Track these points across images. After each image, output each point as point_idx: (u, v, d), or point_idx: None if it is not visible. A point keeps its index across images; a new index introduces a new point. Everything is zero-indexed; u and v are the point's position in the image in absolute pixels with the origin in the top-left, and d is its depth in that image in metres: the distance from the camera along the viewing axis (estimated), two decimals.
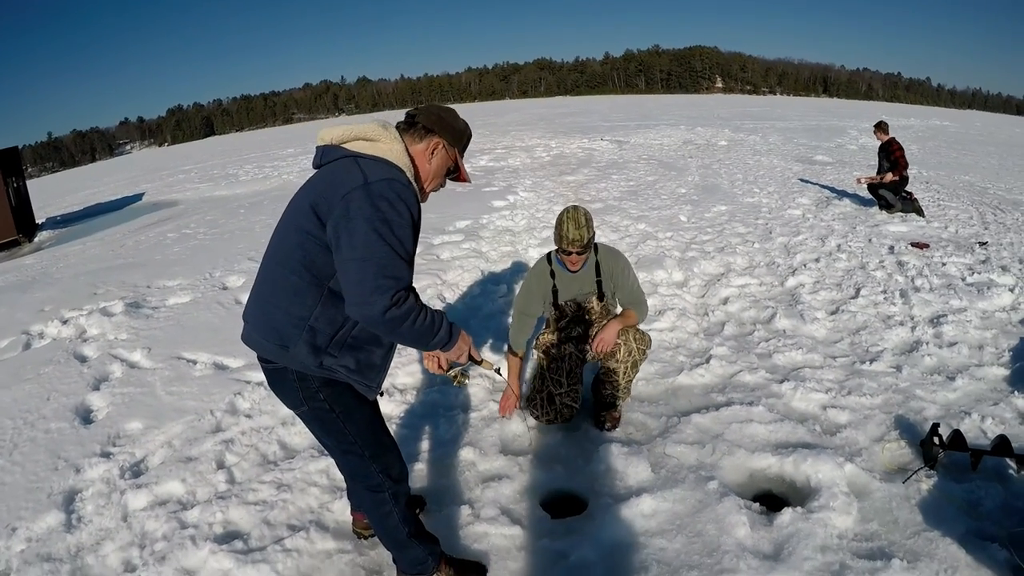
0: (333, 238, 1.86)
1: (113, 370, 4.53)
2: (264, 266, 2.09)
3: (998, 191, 12.43)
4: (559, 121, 35.03)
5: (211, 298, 6.02)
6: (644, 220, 9.09)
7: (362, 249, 1.81)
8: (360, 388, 2.11)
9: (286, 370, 2.04)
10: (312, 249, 1.93)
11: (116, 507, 3.02)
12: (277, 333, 1.98)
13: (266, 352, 2.05)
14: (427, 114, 2.16)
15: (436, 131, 2.14)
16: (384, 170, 1.94)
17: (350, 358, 2.03)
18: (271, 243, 2.10)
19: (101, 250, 9.88)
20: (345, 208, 1.85)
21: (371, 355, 2.09)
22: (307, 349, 1.97)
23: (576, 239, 3.30)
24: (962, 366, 4.12)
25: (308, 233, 1.93)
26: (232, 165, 26.21)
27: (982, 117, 64.44)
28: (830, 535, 2.61)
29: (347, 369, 2.04)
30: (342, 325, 2.00)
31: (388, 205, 1.86)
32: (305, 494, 3.04)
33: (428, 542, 2.38)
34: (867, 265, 6.51)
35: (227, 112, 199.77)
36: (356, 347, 2.04)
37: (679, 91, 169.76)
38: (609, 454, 3.23)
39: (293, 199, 2.10)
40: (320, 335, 1.98)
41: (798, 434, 3.38)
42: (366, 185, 1.87)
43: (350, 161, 1.98)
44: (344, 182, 1.91)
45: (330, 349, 2.00)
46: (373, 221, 1.83)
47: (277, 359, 2.03)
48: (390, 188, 1.89)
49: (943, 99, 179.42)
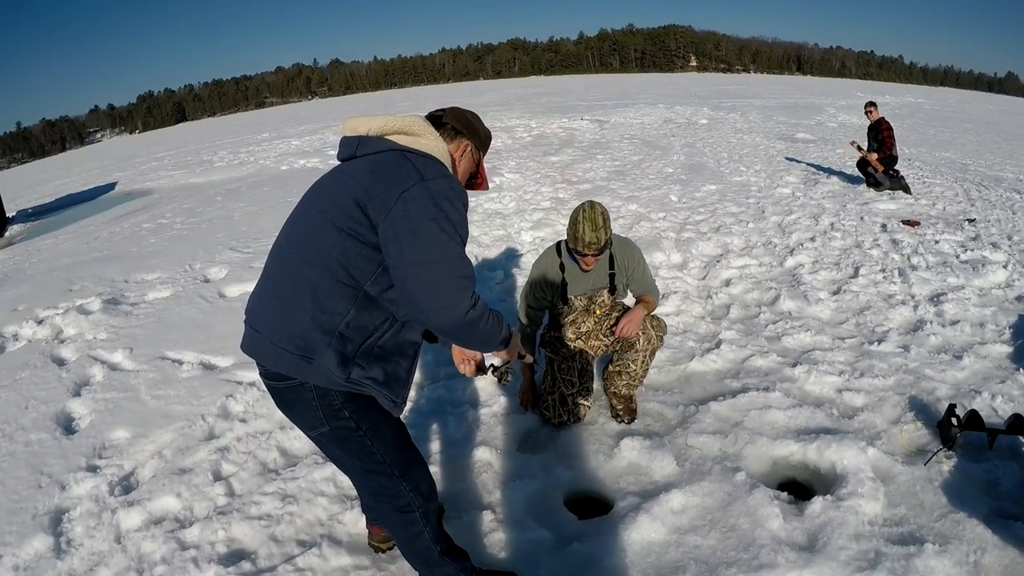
0: (391, 239, 1.70)
1: (94, 373, 4.27)
2: (282, 263, 1.87)
3: (979, 167, 12.57)
4: (536, 101, 34.59)
5: (193, 292, 5.75)
6: (635, 200, 8.95)
7: (433, 251, 1.68)
8: (386, 404, 1.91)
9: (302, 387, 1.82)
10: (353, 248, 1.75)
11: (108, 527, 2.78)
12: (302, 341, 1.76)
13: (282, 365, 1.80)
14: (455, 116, 2.06)
15: (465, 134, 2.05)
16: (436, 167, 1.82)
17: (378, 369, 1.85)
18: (290, 237, 1.89)
19: (75, 243, 9.47)
20: (404, 207, 1.70)
21: (397, 367, 1.91)
22: (336, 359, 1.76)
23: (593, 242, 3.10)
24: (966, 344, 4.14)
25: (351, 231, 1.75)
26: (206, 151, 25.47)
27: (955, 94, 65.55)
28: (861, 522, 2.57)
29: (375, 382, 1.84)
30: (371, 333, 1.82)
31: (450, 204, 1.74)
32: (312, 505, 2.83)
33: (459, 558, 2.21)
34: (862, 244, 6.52)
35: (199, 97, 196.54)
36: (383, 358, 1.87)
37: (653, 70, 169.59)
38: (631, 449, 3.12)
39: (321, 189, 1.92)
40: (350, 344, 1.79)
41: (817, 419, 3.31)
42: (424, 182, 1.74)
43: (398, 155, 1.82)
44: (398, 178, 1.75)
45: (358, 359, 1.81)
46: (440, 220, 1.70)
47: (295, 373, 1.80)
48: (448, 185, 1.78)
49: (916, 77, 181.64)
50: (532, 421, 3.46)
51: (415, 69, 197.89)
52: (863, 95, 39.19)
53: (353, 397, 1.86)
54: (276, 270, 1.87)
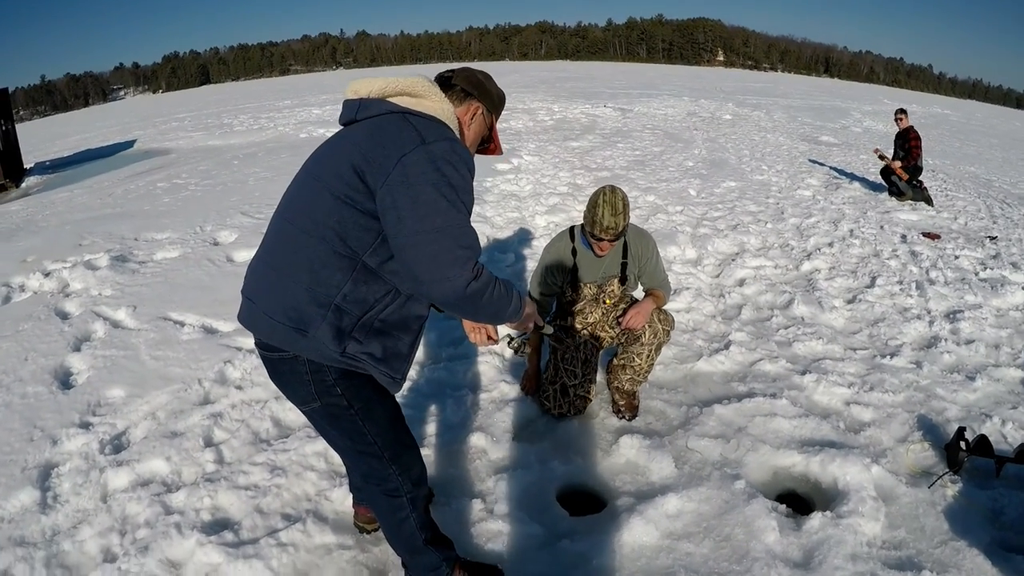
0: (389, 207, 1.60)
1: (95, 329, 4.23)
2: (278, 232, 1.80)
3: (1003, 184, 12.37)
4: (560, 85, 34.28)
5: (201, 254, 5.71)
6: (653, 192, 8.83)
7: (433, 218, 1.57)
8: (383, 380, 1.83)
9: (296, 360, 1.76)
10: (350, 217, 1.67)
11: (95, 486, 2.74)
12: (296, 313, 1.69)
13: (275, 338, 1.74)
14: (465, 77, 1.95)
15: (476, 95, 1.94)
16: (440, 130, 1.70)
17: (376, 345, 1.76)
18: (287, 206, 1.81)
19: (89, 198, 9.47)
20: (403, 172, 1.60)
21: (398, 342, 1.82)
22: (331, 333, 1.69)
23: (611, 227, 3.00)
24: (980, 365, 4.04)
25: (347, 199, 1.66)
26: (227, 115, 25.49)
27: (982, 108, 64.49)
28: (859, 542, 2.50)
29: (372, 358, 1.76)
30: (372, 306, 1.74)
31: (452, 169, 1.63)
32: (301, 479, 2.78)
33: (443, 547, 2.15)
34: (880, 253, 6.40)
35: (223, 61, 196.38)
36: (384, 332, 1.77)
37: (680, 62, 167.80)
38: (630, 447, 3.05)
39: (320, 156, 1.83)
40: (347, 317, 1.71)
41: (822, 431, 3.23)
42: (425, 145, 1.63)
43: (399, 118, 1.71)
44: (397, 142, 1.64)
45: (355, 334, 1.73)
46: (440, 186, 1.60)
47: (289, 346, 1.74)
48: (451, 148, 1.66)
49: (944, 87, 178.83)
50: (532, 410, 3.39)
51: (441, 46, 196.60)
52: (890, 102, 38.61)
53: (347, 374, 1.79)
54: (273, 240, 1.81)
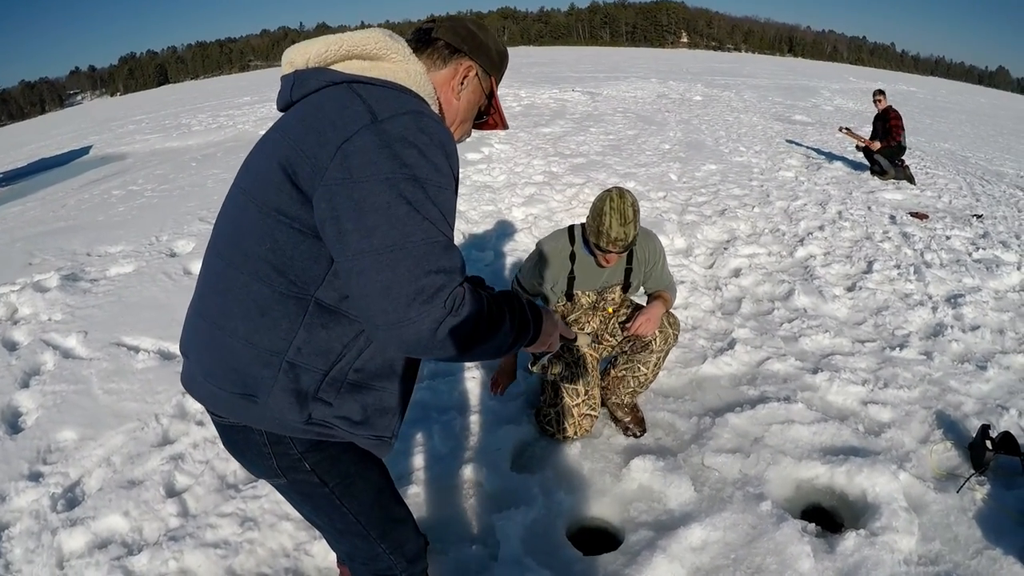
0: (328, 218, 1.15)
1: (45, 360, 3.83)
2: (209, 271, 1.36)
3: (979, 160, 12.49)
4: (526, 71, 33.77)
5: (157, 267, 5.30)
6: (632, 178, 8.55)
7: (385, 231, 1.10)
8: (366, 444, 1.42)
9: (249, 429, 1.35)
10: (287, 241, 1.22)
11: (49, 551, 2.39)
12: (238, 377, 1.28)
13: (220, 407, 1.34)
14: (450, 27, 1.44)
15: (466, 51, 1.44)
16: (400, 100, 1.22)
17: (353, 405, 1.33)
18: (218, 233, 1.37)
19: (42, 211, 8.94)
20: (344, 165, 1.14)
21: (383, 395, 1.38)
22: (287, 399, 1.27)
23: (620, 239, 2.62)
24: (988, 353, 3.91)
25: (279, 214, 1.21)
26: (185, 115, 24.69)
27: (945, 85, 65.82)
28: (896, 560, 2.31)
29: (348, 423, 1.34)
30: (339, 355, 1.30)
31: (417, 154, 1.16)
32: (276, 531, 2.44)
33: None
34: (872, 236, 6.25)
35: (182, 60, 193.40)
36: (361, 386, 1.34)
37: (644, 44, 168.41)
38: (641, 469, 2.76)
39: (248, 160, 1.37)
40: (306, 375, 1.28)
41: (843, 436, 3.02)
42: (376, 123, 1.16)
43: (343, 90, 1.24)
44: (337, 123, 1.18)
45: (322, 394, 1.30)
46: (396, 182, 1.12)
47: (238, 416, 1.33)
48: (416, 125, 1.18)
49: (907, 65, 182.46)
50: (528, 431, 3.08)
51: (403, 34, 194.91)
52: (856, 80, 38.99)
53: (317, 445, 1.38)
54: (202, 280, 1.38)
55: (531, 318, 1.39)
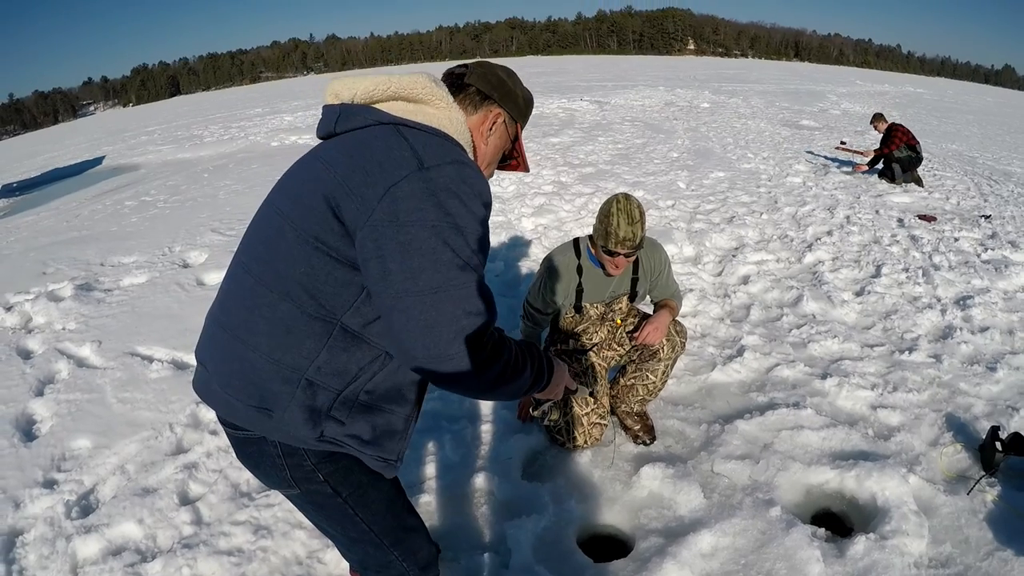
0: (372, 256, 1.21)
1: (59, 369, 3.88)
2: (235, 284, 1.40)
3: (987, 161, 12.37)
4: (534, 80, 33.93)
5: (170, 278, 5.36)
6: (641, 187, 8.58)
7: (430, 274, 1.18)
8: (374, 465, 1.46)
9: (264, 440, 1.39)
10: (322, 268, 1.27)
11: (63, 557, 2.41)
12: (256, 390, 1.32)
13: (235, 416, 1.38)
14: (482, 75, 1.51)
15: (496, 99, 1.51)
16: (444, 148, 1.29)
17: (363, 424, 1.39)
18: (245, 247, 1.42)
19: (55, 221, 9.03)
20: (392, 209, 1.20)
21: (391, 418, 1.44)
22: (302, 415, 1.32)
23: (628, 238, 2.65)
24: (997, 354, 3.88)
25: (318, 242, 1.26)
26: (197, 126, 24.90)
27: (952, 85, 65.43)
28: (907, 564, 2.31)
29: (358, 441, 1.39)
30: (354, 377, 1.34)
31: (460, 204, 1.23)
32: (289, 539, 2.46)
33: None
34: (881, 239, 6.23)
35: (193, 71, 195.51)
36: (371, 408, 1.39)
37: (651, 52, 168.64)
38: (651, 477, 2.77)
39: (287, 183, 1.42)
40: (322, 393, 1.33)
41: (852, 440, 3.01)
42: (423, 171, 1.22)
43: (390, 132, 1.30)
44: (386, 166, 1.24)
45: (334, 413, 1.35)
46: (442, 230, 1.20)
47: (252, 427, 1.37)
48: (459, 176, 1.25)
49: (913, 66, 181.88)
50: (538, 440, 3.09)
51: (412, 46, 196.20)
52: (863, 83, 38.88)
53: (329, 456, 1.43)
54: (226, 292, 1.43)
55: (546, 368, 1.50)
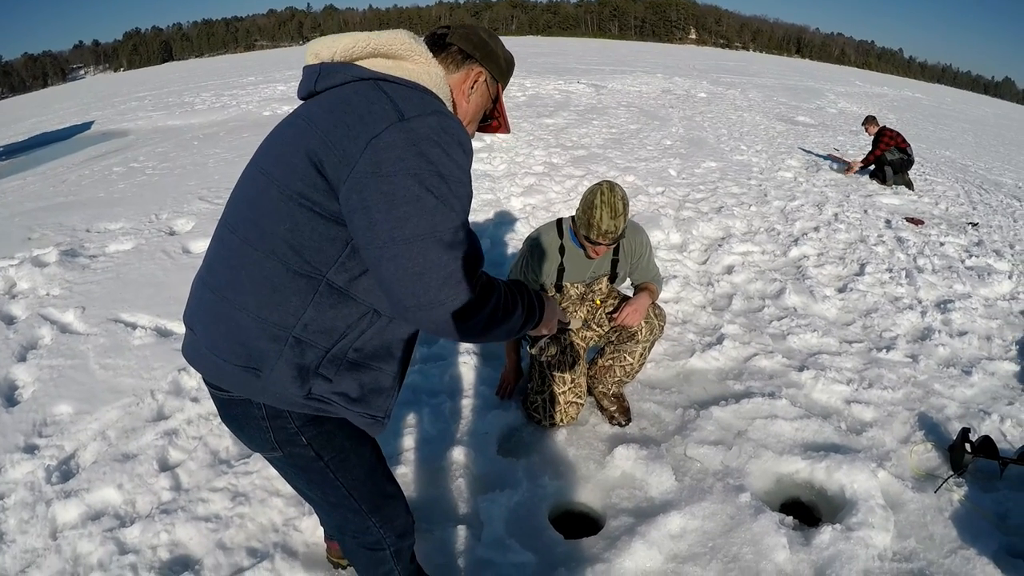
0: (357, 208, 1.21)
1: (42, 335, 3.87)
2: (222, 245, 1.41)
3: (979, 169, 12.47)
4: (532, 61, 33.68)
5: (156, 245, 5.34)
6: (632, 172, 8.58)
7: (416, 221, 1.18)
8: (360, 422, 1.48)
9: (249, 402, 1.40)
10: (306, 223, 1.28)
11: (43, 521, 2.44)
12: (245, 350, 1.33)
13: (223, 379, 1.39)
14: (464, 35, 1.53)
15: (477, 58, 1.52)
16: (424, 100, 1.29)
17: (351, 382, 1.41)
18: (230, 208, 1.43)
19: (42, 186, 8.93)
20: (374, 160, 1.20)
21: (379, 375, 1.46)
22: (290, 373, 1.34)
23: (610, 231, 2.67)
24: (974, 358, 3.96)
25: (302, 198, 1.27)
26: (189, 93, 24.56)
27: (951, 93, 65.66)
28: (871, 556, 2.37)
29: (345, 399, 1.41)
30: (343, 335, 1.37)
31: (442, 152, 1.23)
32: (266, 507, 2.50)
33: None
34: (867, 239, 6.29)
35: (187, 37, 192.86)
36: (360, 365, 1.41)
37: (652, 39, 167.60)
38: (625, 457, 2.82)
39: (270, 144, 1.43)
40: (310, 351, 1.35)
41: (824, 433, 3.08)
42: (403, 122, 1.23)
43: (369, 87, 1.31)
44: (366, 119, 1.24)
45: (322, 370, 1.37)
46: (425, 177, 1.20)
47: (240, 389, 1.38)
48: (440, 125, 1.26)
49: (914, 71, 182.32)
50: (516, 417, 3.14)
51: (410, 20, 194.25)
52: (862, 84, 38.90)
53: (313, 420, 1.44)
54: (213, 254, 1.43)
55: (536, 303, 1.52)
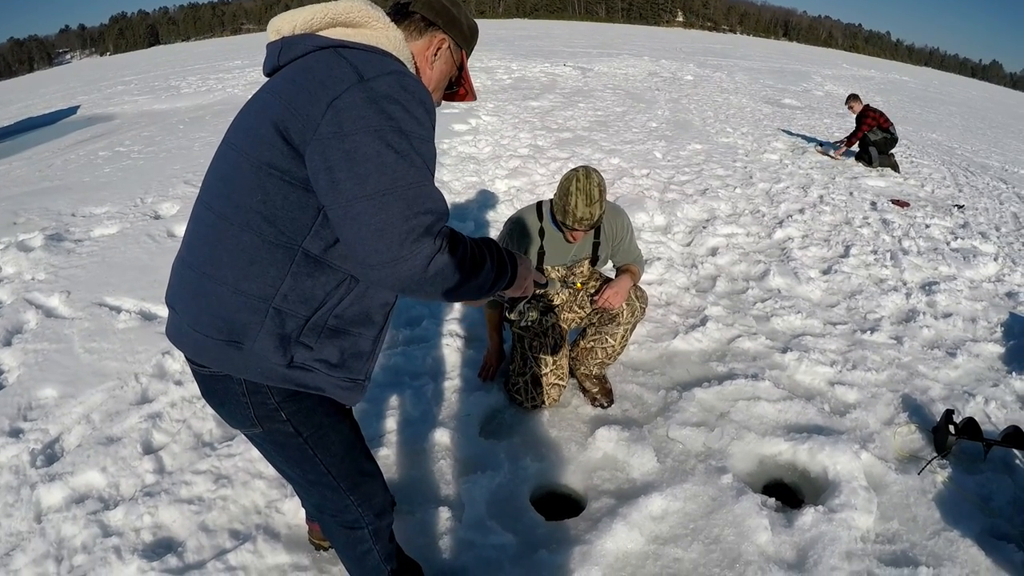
0: (321, 170, 1.23)
1: (27, 319, 3.84)
2: (198, 223, 1.42)
3: (965, 152, 12.52)
4: (519, 43, 33.43)
5: (141, 229, 5.29)
6: (617, 154, 8.57)
7: (377, 177, 1.19)
8: (340, 390, 1.50)
9: (229, 379, 1.42)
10: (277, 192, 1.30)
11: (27, 504, 2.43)
12: (226, 324, 1.35)
13: (207, 356, 1.40)
14: (428, 3, 1.53)
15: (440, 25, 1.54)
16: (383, 62, 1.31)
17: (331, 348, 1.43)
18: (207, 188, 1.43)
19: (27, 171, 8.83)
20: (335, 121, 1.22)
21: (358, 340, 1.48)
22: (272, 343, 1.35)
23: (585, 218, 2.67)
24: (959, 340, 3.99)
25: (271, 168, 1.29)
26: (175, 76, 24.23)
27: (938, 76, 65.84)
28: (853, 537, 2.39)
29: (326, 365, 1.44)
30: (322, 303, 1.39)
31: (401, 109, 1.24)
32: (248, 489, 2.50)
33: (409, 575, 1.93)
34: (852, 221, 6.32)
35: (173, 21, 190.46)
36: (340, 331, 1.44)
37: (639, 22, 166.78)
38: (607, 440, 2.84)
39: (238, 120, 1.43)
40: (290, 320, 1.36)
41: (808, 414, 3.09)
42: (362, 82, 1.24)
43: (330, 54, 1.32)
44: (326, 82, 1.26)
45: (304, 339, 1.39)
46: (385, 133, 1.21)
47: (223, 365, 1.40)
48: (399, 84, 1.27)
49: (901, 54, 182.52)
50: (498, 399, 3.15)
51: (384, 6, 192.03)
52: (849, 67, 38.90)
53: (292, 396, 1.46)
54: (191, 232, 1.44)
55: (508, 260, 1.49)
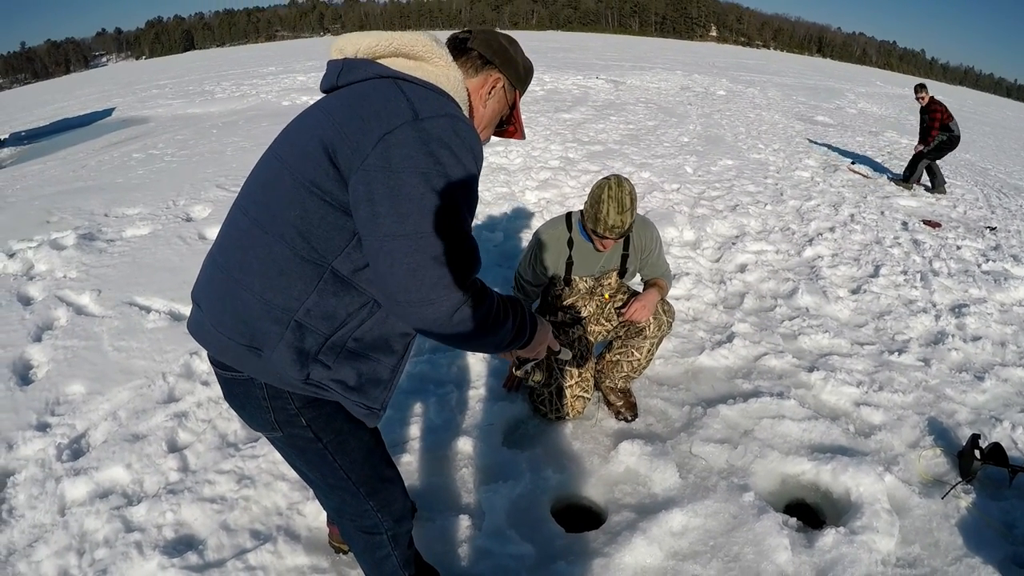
0: (363, 199, 1.24)
1: (58, 316, 3.92)
2: (233, 226, 1.43)
3: (999, 173, 12.28)
4: (552, 55, 33.62)
5: (172, 231, 5.39)
6: (648, 168, 8.56)
7: (417, 218, 1.21)
8: (357, 411, 1.50)
9: (251, 382, 1.43)
10: (316, 211, 1.31)
11: (52, 498, 2.48)
12: (248, 329, 1.36)
13: (226, 355, 1.41)
14: (484, 40, 1.54)
15: (496, 64, 1.54)
16: (440, 102, 1.32)
17: (349, 370, 1.42)
18: (245, 192, 1.45)
19: (62, 170, 9.06)
20: (385, 155, 1.23)
21: (377, 366, 1.47)
22: (290, 356, 1.36)
23: (616, 226, 2.67)
24: (987, 364, 3.91)
25: (313, 186, 1.30)
26: (209, 81, 24.76)
27: (972, 95, 64.58)
28: (874, 560, 2.33)
29: (343, 386, 1.43)
30: (343, 322, 1.38)
31: (451, 155, 1.26)
32: (271, 490, 2.52)
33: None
34: (883, 240, 6.23)
35: (208, 26, 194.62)
36: (358, 355, 1.43)
37: (672, 36, 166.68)
38: (629, 453, 2.81)
39: (288, 132, 1.46)
40: (311, 336, 1.37)
41: (832, 435, 3.04)
42: (417, 121, 1.25)
43: (388, 84, 1.33)
44: (382, 115, 1.26)
45: (321, 356, 1.39)
46: (431, 176, 1.23)
47: (242, 367, 1.41)
48: (452, 128, 1.28)
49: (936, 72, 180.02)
50: (522, 409, 3.14)
51: (431, 13, 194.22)
52: (883, 84, 38.42)
53: (313, 402, 1.47)
54: (224, 235, 1.46)
55: (528, 323, 1.52)
